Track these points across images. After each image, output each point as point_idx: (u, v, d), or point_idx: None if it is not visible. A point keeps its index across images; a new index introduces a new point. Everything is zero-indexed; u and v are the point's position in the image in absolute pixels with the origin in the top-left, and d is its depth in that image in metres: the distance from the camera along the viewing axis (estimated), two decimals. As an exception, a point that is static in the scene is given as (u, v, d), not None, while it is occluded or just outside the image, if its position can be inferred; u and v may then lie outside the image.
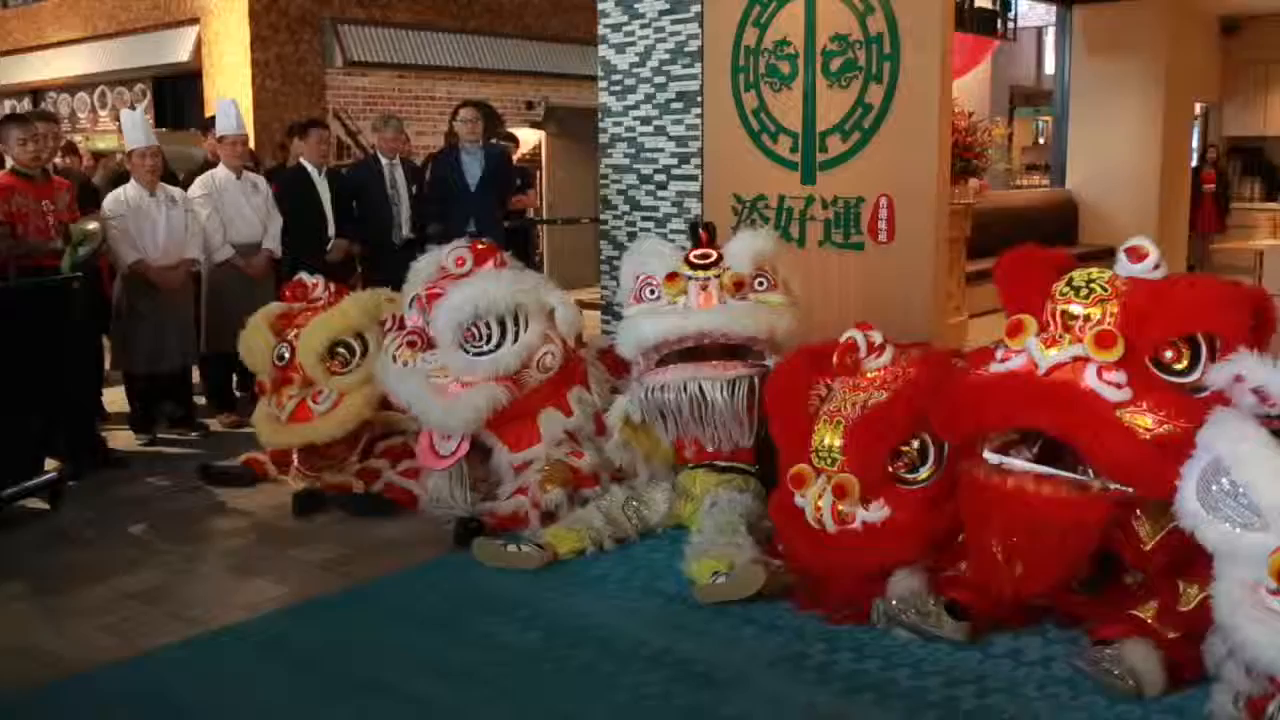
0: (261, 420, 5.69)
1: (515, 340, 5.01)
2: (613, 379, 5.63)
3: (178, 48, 12.81)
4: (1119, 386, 3.36)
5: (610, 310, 7.47)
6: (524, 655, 3.69)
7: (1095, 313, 3.49)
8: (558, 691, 3.43)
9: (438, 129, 12.35)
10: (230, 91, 11.39)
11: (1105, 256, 13.20)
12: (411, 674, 3.57)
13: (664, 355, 4.80)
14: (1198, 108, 13.84)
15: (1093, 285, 3.57)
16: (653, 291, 4.87)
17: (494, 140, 9.17)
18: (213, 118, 7.52)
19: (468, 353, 4.99)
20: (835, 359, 4.25)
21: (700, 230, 5.02)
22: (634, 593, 4.21)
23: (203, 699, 3.46)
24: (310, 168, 7.27)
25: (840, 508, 3.92)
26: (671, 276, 4.80)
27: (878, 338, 4.23)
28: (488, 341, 4.98)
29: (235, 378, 7.13)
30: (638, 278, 4.97)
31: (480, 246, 5.37)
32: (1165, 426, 3.30)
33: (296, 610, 4.12)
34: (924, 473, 3.92)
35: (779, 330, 4.76)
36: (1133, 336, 3.42)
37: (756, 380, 4.69)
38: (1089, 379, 3.38)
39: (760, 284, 4.84)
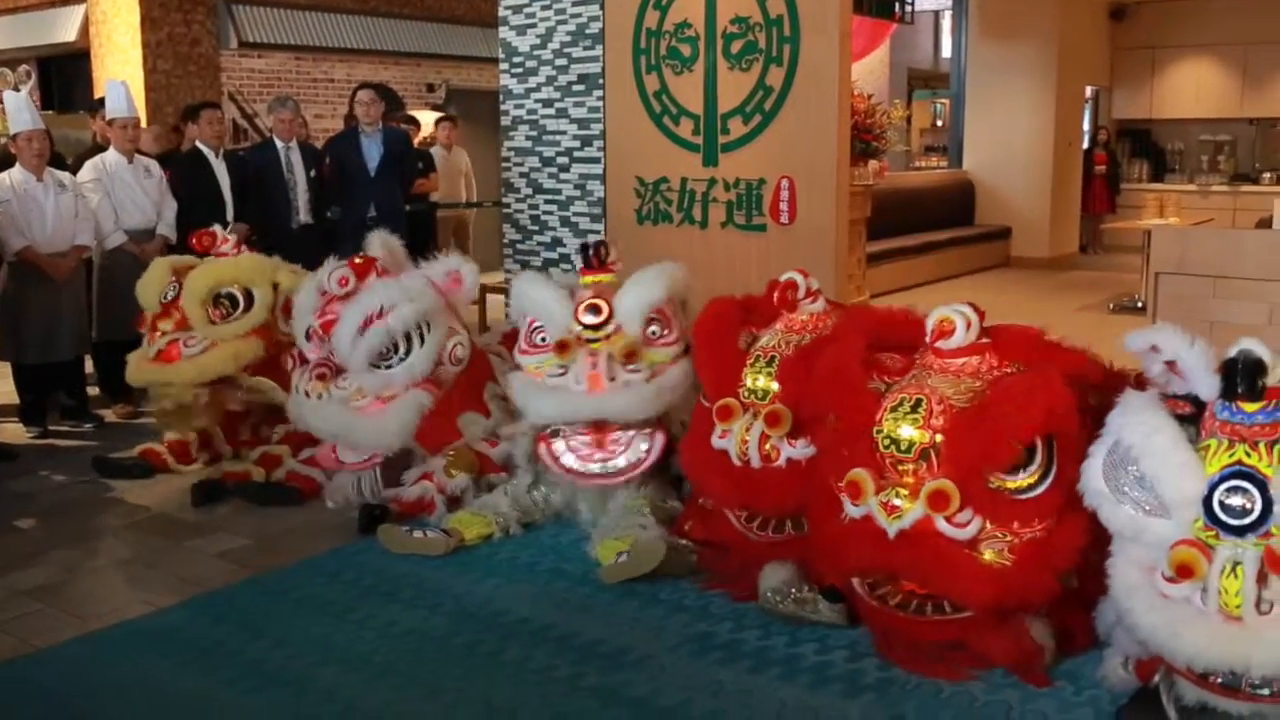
0: (132, 357, 5.61)
1: (423, 343, 4.96)
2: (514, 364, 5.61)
3: (63, 27, 12.41)
4: (966, 525, 3.31)
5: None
6: (431, 641, 3.67)
7: (920, 468, 3.40)
8: (466, 676, 3.42)
9: (336, 112, 12.16)
10: (120, 73, 11.07)
11: (1001, 236, 13.51)
12: (317, 663, 3.53)
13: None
14: (1089, 91, 14.20)
15: (910, 441, 3.41)
16: (543, 339, 4.69)
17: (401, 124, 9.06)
18: (102, 100, 7.32)
19: (380, 369, 4.94)
20: (776, 296, 4.27)
21: (591, 254, 4.84)
22: (541, 576, 4.22)
23: (102, 696, 3.38)
24: (207, 150, 7.12)
25: (770, 438, 3.93)
26: (562, 346, 4.56)
27: (815, 284, 4.29)
28: (397, 351, 4.93)
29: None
30: (527, 318, 4.79)
31: (357, 262, 5.24)
32: (1019, 540, 3.28)
33: (197, 603, 4.04)
34: None
35: (671, 402, 4.58)
36: (965, 473, 3.31)
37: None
38: (939, 526, 3.32)
39: (654, 333, 4.62)
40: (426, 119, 11.55)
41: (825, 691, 3.29)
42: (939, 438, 3.38)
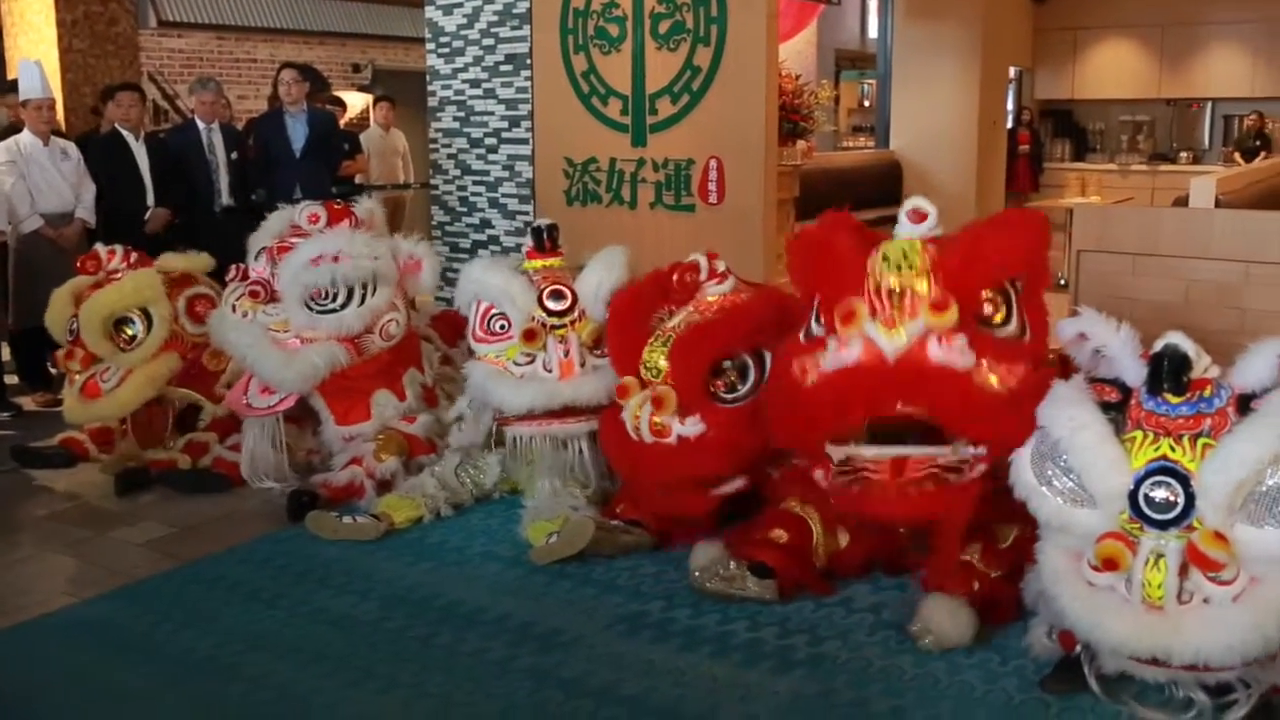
0: (66, 395, 5.43)
1: (362, 302, 4.92)
2: (445, 347, 5.58)
3: (-26, 5, 12.09)
4: (963, 352, 3.32)
5: (443, 277, 7.38)
6: (362, 627, 3.65)
7: (921, 284, 3.41)
8: (398, 661, 3.41)
9: (260, 93, 11.95)
10: (34, 52, 10.79)
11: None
12: (247, 651, 3.49)
13: None
14: (1012, 72, 14.37)
15: (909, 257, 3.46)
16: (502, 326, 4.61)
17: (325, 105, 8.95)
18: (15, 81, 7.13)
19: (312, 310, 4.88)
20: (675, 277, 4.33)
21: (545, 237, 4.80)
22: (472, 559, 4.21)
23: (26, 689, 3.32)
24: (126, 133, 6.97)
25: (656, 420, 3.97)
26: (530, 334, 4.50)
27: (721, 265, 4.31)
28: (333, 300, 4.88)
29: (50, 354, 6.81)
30: (479, 302, 4.69)
31: (336, 206, 5.22)
32: (1012, 380, 3.34)
33: (124, 592, 3.98)
34: (743, 390, 4.02)
35: None
36: (957, 299, 3.37)
37: None
38: (934, 353, 3.31)
39: None
40: (352, 100, 11.41)
41: (757, 668, 3.32)
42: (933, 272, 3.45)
